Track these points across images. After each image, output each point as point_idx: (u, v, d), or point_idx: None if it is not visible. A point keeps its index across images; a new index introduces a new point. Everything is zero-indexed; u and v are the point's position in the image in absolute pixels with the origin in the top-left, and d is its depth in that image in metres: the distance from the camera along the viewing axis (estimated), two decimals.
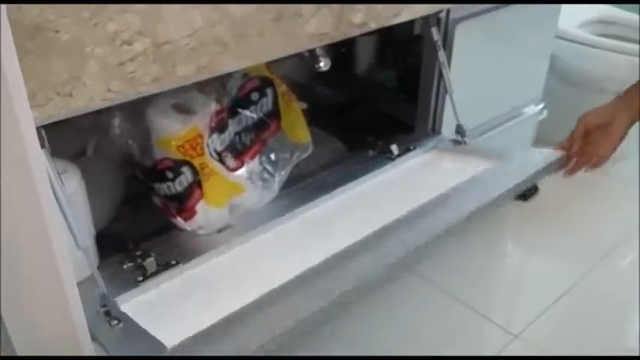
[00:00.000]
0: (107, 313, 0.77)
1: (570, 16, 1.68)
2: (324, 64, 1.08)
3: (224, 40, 0.76)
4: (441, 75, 1.17)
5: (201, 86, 0.93)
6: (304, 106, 1.15)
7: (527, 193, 1.75)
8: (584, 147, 0.92)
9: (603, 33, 1.82)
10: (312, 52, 1.03)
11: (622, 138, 0.89)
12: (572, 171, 0.97)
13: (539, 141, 1.76)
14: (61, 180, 0.71)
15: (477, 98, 1.29)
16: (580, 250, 1.54)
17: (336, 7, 0.84)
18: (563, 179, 1.77)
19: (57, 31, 0.62)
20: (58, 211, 0.70)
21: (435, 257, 1.50)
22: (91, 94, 0.68)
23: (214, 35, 0.75)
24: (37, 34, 0.60)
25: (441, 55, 1.14)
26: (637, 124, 0.91)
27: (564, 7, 1.47)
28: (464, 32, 1.17)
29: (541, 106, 1.57)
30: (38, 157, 0.59)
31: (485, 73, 1.31)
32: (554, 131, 1.89)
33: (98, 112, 0.72)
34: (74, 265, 0.69)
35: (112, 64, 0.68)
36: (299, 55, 0.92)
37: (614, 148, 0.90)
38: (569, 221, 1.65)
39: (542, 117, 1.58)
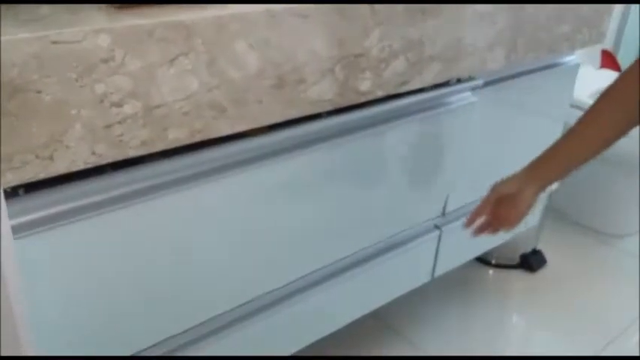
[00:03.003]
0: None
1: (585, 86, 1.64)
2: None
3: (221, 105, 0.72)
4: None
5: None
6: None
7: (535, 264, 1.69)
8: (496, 211, 0.96)
9: None
10: None
11: (529, 207, 0.93)
12: (479, 230, 1.00)
13: (551, 211, 1.71)
14: None
15: (489, 167, 1.24)
16: (586, 329, 1.48)
17: (341, 74, 0.81)
18: (572, 252, 1.74)
19: (39, 92, 0.58)
20: None
21: (435, 327, 1.44)
22: (74, 157, 0.63)
23: (211, 100, 0.71)
24: (17, 94, 0.57)
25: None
26: None
27: (579, 76, 1.43)
28: (477, 100, 1.13)
29: None
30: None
31: (497, 142, 1.27)
32: (566, 202, 1.86)
33: None
34: None
35: (98, 126, 0.64)
36: None
37: (521, 218, 0.94)
38: (577, 295, 1.60)
39: (554, 188, 1.53)
